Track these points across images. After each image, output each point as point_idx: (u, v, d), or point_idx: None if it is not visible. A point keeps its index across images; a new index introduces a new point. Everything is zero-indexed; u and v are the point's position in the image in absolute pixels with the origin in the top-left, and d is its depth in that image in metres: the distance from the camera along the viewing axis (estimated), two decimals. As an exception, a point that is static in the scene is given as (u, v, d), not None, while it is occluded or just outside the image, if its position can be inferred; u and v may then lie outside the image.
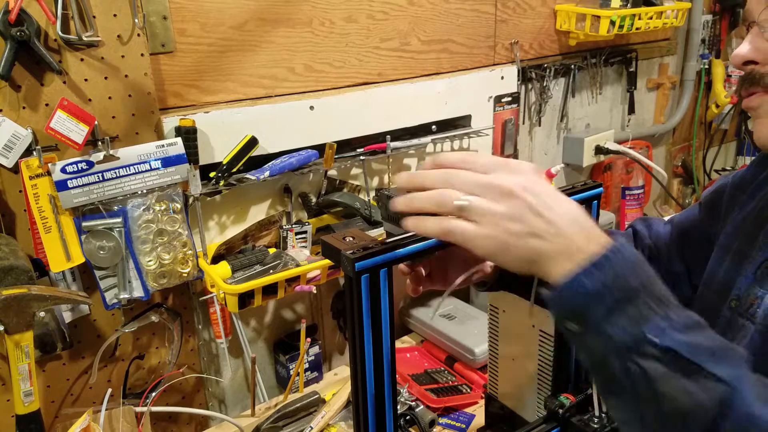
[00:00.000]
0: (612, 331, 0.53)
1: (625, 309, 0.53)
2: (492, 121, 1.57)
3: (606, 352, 0.53)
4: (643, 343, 0.52)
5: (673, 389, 0.52)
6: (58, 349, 1.05)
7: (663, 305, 0.54)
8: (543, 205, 0.56)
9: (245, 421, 1.19)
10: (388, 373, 0.66)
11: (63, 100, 0.96)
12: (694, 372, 0.52)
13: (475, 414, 1.23)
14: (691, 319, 0.54)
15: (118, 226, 1.05)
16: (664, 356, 0.52)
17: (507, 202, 0.56)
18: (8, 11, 0.90)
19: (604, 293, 0.53)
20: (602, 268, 0.53)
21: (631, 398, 0.54)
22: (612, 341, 0.53)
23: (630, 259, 0.54)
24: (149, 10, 1.05)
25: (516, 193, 0.56)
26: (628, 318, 0.53)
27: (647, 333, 0.52)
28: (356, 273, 0.61)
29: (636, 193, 1.96)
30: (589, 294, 0.53)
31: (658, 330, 0.52)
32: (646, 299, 0.53)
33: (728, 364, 0.53)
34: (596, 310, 0.53)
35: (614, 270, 0.53)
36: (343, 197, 1.30)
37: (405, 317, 1.52)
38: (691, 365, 0.52)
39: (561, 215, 0.56)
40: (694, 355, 0.52)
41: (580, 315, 0.54)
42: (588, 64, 1.79)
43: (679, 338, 0.52)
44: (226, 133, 1.16)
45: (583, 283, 0.53)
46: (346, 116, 1.31)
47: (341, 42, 1.29)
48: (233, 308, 1.10)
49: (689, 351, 0.52)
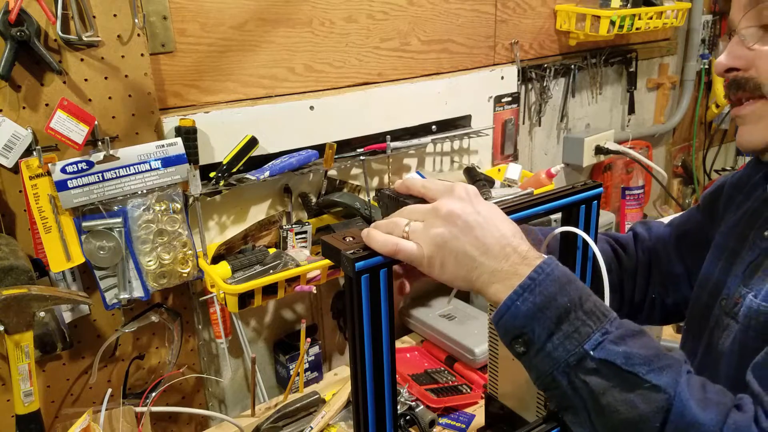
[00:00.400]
0: (553, 350, 0.56)
1: (561, 327, 0.56)
2: (492, 121, 1.57)
3: (552, 370, 0.57)
4: (583, 358, 0.55)
5: (616, 401, 0.54)
6: (58, 349, 1.05)
7: (597, 319, 0.56)
8: (479, 228, 0.60)
9: (245, 421, 1.19)
10: (388, 373, 0.66)
11: (63, 100, 0.96)
12: (632, 382, 0.54)
13: (475, 414, 1.23)
14: (628, 329, 0.57)
15: (118, 226, 1.05)
16: (603, 369, 0.55)
17: (446, 225, 0.60)
18: (8, 11, 0.90)
19: (539, 315, 0.56)
20: (532, 291, 0.57)
21: (583, 413, 0.57)
22: (555, 360, 0.56)
23: (557, 278, 0.57)
24: (149, 10, 1.05)
25: (455, 217, 0.60)
26: (566, 335, 0.56)
27: (585, 347, 0.55)
28: (356, 273, 0.61)
29: (636, 193, 1.96)
30: (526, 317, 0.57)
31: (594, 343, 0.55)
32: (579, 314, 0.56)
33: (665, 372, 0.55)
34: (535, 332, 0.56)
35: (542, 291, 0.56)
36: (343, 197, 1.30)
37: (405, 317, 1.52)
38: (628, 375, 0.54)
39: (496, 239, 0.59)
40: (630, 366, 0.54)
41: (523, 336, 0.57)
42: (588, 64, 1.79)
43: (616, 350, 0.55)
44: (226, 133, 1.16)
45: (518, 307, 0.57)
46: (346, 116, 1.31)
47: (341, 42, 1.29)
48: (233, 308, 1.10)
49: (625, 362, 0.54)
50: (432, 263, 0.61)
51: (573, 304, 0.56)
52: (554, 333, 0.56)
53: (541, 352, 0.57)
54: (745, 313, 0.71)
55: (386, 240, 0.62)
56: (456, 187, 0.62)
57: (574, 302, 0.57)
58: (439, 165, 1.53)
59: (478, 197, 0.62)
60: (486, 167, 1.61)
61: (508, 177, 1.54)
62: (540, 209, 0.73)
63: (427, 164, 1.51)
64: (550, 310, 0.56)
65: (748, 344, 0.65)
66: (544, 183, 1.53)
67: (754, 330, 0.70)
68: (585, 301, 0.57)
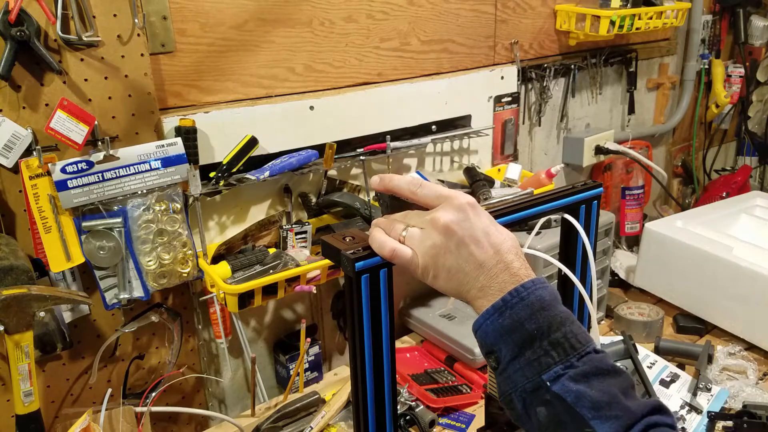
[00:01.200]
0: (514, 374, 0.57)
1: (524, 353, 0.57)
2: (492, 121, 1.57)
3: (510, 392, 0.58)
4: (540, 388, 0.56)
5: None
6: (58, 349, 1.05)
7: (563, 351, 0.56)
8: (474, 244, 0.60)
9: (245, 421, 1.19)
10: (388, 373, 0.66)
11: (63, 100, 0.96)
12: (579, 423, 0.54)
13: (475, 414, 1.23)
14: (595, 367, 0.56)
15: (118, 226, 1.05)
16: (555, 402, 0.55)
17: (442, 238, 0.61)
18: (8, 11, 0.90)
19: (505, 337, 0.57)
20: (502, 314, 0.58)
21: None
22: (514, 383, 0.57)
23: (530, 303, 0.57)
24: (149, 10, 1.05)
25: (451, 231, 0.60)
26: (527, 362, 0.56)
27: (543, 377, 0.56)
28: (356, 273, 0.61)
29: (636, 193, 1.96)
30: (494, 336, 0.58)
31: (553, 376, 0.55)
32: (543, 344, 0.56)
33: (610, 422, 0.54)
34: (503, 351, 0.58)
35: (512, 314, 0.57)
36: (343, 197, 1.30)
37: (405, 317, 1.52)
38: (576, 415, 0.54)
39: (490, 256, 0.60)
40: (579, 407, 0.54)
41: (493, 353, 0.59)
42: (588, 64, 1.79)
43: (570, 387, 0.55)
44: (226, 133, 1.16)
45: (488, 326, 0.58)
46: (346, 116, 1.31)
47: (341, 42, 1.29)
48: (233, 308, 1.10)
49: (575, 402, 0.54)
50: (425, 273, 0.62)
51: (540, 332, 0.57)
52: (517, 357, 0.57)
53: (504, 372, 0.58)
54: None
55: (384, 242, 0.62)
56: (455, 198, 0.62)
57: (541, 330, 0.57)
58: (439, 165, 1.53)
59: (476, 209, 0.62)
60: (486, 167, 1.61)
61: (508, 177, 1.54)
62: (540, 209, 0.73)
63: (427, 164, 1.51)
64: (516, 334, 0.57)
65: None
66: (544, 183, 1.53)
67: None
68: (554, 330, 0.57)
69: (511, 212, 0.71)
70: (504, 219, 0.70)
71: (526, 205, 0.72)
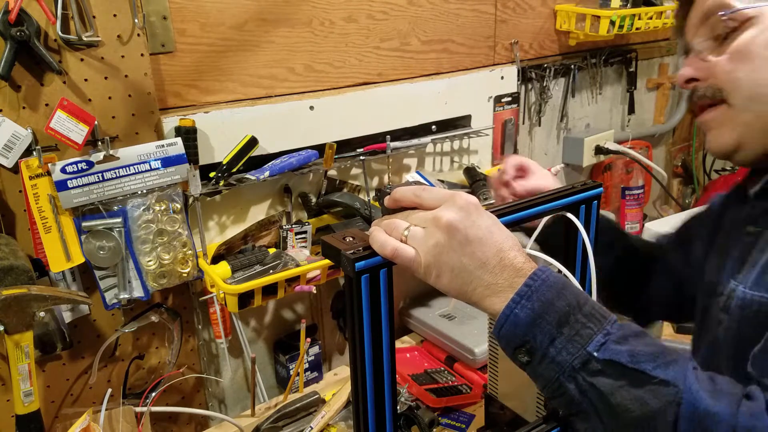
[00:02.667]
0: (557, 356, 0.56)
1: (562, 331, 0.56)
2: (492, 121, 1.57)
3: (558, 376, 0.56)
4: (588, 361, 0.55)
5: (625, 400, 0.54)
6: (58, 349, 1.05)
7: (597, 321, 0.56)
8: (477, 243, 0.60)
9: (245, 421, 1.19)
10: (388, 373, 0.66)
11: (63, 100, 0.96)
12: (639, 379, 0.54)
13: (475, 414, 1.23)
14: (629, 330, 0.57)
15: (118, 226, 1.05)
16: (608, 369, 0.54)
17: (443, 237, 0.60)
18: (8, 11, 0.90)
19: (539, 321, 0.56)
20: (530, 298, 0.57)
21: (594, 417, 0.56)
22: (560, 365, 0.56)
23: (553, 284, 0.58)
24: (149, 10, 1.05)
25: (454, 230, 0.60)
26: (568, 339, 0.56)
27: (589, 349, 0.55)
28: (356, 273, 0.61)
29: (636, 193, 1.96)
30: (526, 324, 0.57)
31: (597, 345, 0.55)
32: (579, 317, 0.56)
33: (671, 367, 0.54)
34: (538, 337, 0.57)
35: (539, 297, 0.57)
36: (343, 197, 1.30)
37: (405, 317, 1.52)
38: (635, 373, 0.54)
39: (494, 253, 0.60)
40: (636, 363, 0.54)
41: (526, 344, 0.57)
42: (588, 64, 1.79)
43: (619, 349, 0.55)
44: (226, 133, 1.16)
45: (517, 315, 0.57)
46: (346, 116, 1.31)
47: (341, 42, 1.29)
48: (233, 308, 1.10)
49: (630, 360, 0.54)
50: (428, 272, 0.61)
51: (571, 307, 0.57)
52: (556, 338, 0.56)
53: (545, 358, 0.57)
54: (737, 305, 0.73)
55: (385, 242, 0.62)
56: (457, 198, 0.62)
57: (572, 306, 0.57)
58: (439, 165, 1.53)
59: (479, 209, 0.62)
60: (486, 167, 1.61)
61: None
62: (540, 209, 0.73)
63: (426, 164, 1.51)
64: (550, 315, 0.56)
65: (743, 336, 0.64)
66: (544, 183, 1.52)
67: (747, 320, 0.71)
68: (583, 304, 0.57)
69: (511, 212, 0.71)
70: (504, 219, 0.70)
71: (526, 205, 0.72)
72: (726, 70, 0.74)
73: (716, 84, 0.75)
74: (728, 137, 0.76)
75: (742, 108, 0.74)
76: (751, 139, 0.75)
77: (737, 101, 0.74)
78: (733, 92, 0.74)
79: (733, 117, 0.75)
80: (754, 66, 0.72)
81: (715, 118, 0.77)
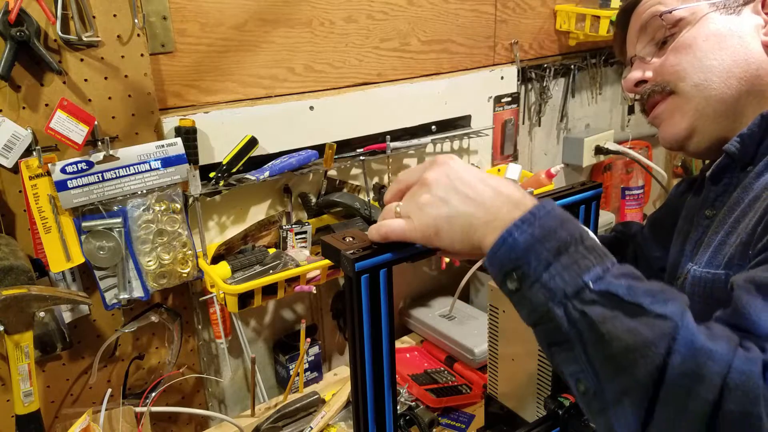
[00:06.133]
0: (551, 281, 0.53)
1: (560, 259, 0.53)
2: (492, 121, 1.57)
3: (547, 302, 0.53)
4: (582, 290, 0.52)
5: (616, 329, 0.51)
6: (58, 349, 1.05)
7: (598, 256, 0.54)
8: (464, 185, 0.59)
9: (245, 421, 1.19)
10: (388, 373, 0.66)
11: (63, 101, 0.96)
12: (635, 312, 0.51)
13: (475, 414, 1.23)
14: (630, 270, 0.55)
15: (118, 226, 1.05)
16: (603, 300, 0.52)
17: (430, 191, 0.60)
18: (8, 11, 0.90)
19: (537, 246, 0.54)
20: (531, 224, 0.54)
21: (578, 346, 0.53)
22: (552, 291, 0.53)
23: (558, 215, 0.56)
24: (149, 10, 1.05)
25: (437, 182, 0.60)
26: (564, 267, 0.53)
27: (585, 279, 0.52)
28: (356, 273, 0.61)
29: (636, 194, 1.96)
30: (523, 249, 0.54)
31: (595, 276, 0.52)
32: (580, 249, 0.54)
33: (670, 303, 0.52)
34: (532, 263, 0.54)
35: (542, 224, 0.54)
36: (342, 197, 1.30)
37: (405, 317, 1.52)
38: (631, 306, 0.51)
39: (483, 190, 0.59)
40: (633, 297, 0.51)
41: (518, 270, 0.54)
42: (588, 64, 1.79)
43: (618, 282, 0.52)
44: (226, 133, 1.16)
45: (516, 238, 0.54)
46: (346, 116, 1.31)
47: (341, 42, 1.29)
48: (233, 308, 1.10)
49: (628, 293, 0.52)
50: (427, 234, 0.60)
51: (573, 238, 0.54)
52: (552, 264, 0.53)
53: (537, 283, 0.53)
54: (690, 283, 0.75)
55: (378, 226, 0.62)
56: (436, 158, 0.62)
57: (574, 237, 0.54)
58: (439, 165, 1.53)
59: (458, 160, 0.62)
60: (486, 167, 1.61)
61: (507, 177, 1.54)
62: (540, 209, 0.73)
63: (427, 164, 1.51)
64: (550, 242, 0.54)
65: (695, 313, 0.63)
66: (544, 183, 1.53)
67: (698, 297, 0.73)
68: (585, 238, 0.55)
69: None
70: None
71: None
72: (672, 64, 0.81)
73: (664, 79, 0.82)
74: (680, 124, 0.81)
75: (690, 95, 0.79)
76: (702, 125, 0.80)
77: (685, 89, 0.80)
78: (680, 82, 0.80)
79: (682, 105, 0.80)
80: (697, 56, 0.79)
81: (666, 108, 0.82)
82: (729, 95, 0.78)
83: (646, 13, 0.84)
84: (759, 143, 0.75)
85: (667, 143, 0.84)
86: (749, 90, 0.77)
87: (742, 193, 0.74)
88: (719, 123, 0.79)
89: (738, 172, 0.78)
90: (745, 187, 0.74)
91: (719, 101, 0.78)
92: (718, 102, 0.78)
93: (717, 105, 0.78)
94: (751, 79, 0.77)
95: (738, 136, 0.76)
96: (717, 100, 0.78)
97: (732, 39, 0.78)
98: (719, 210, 0.78)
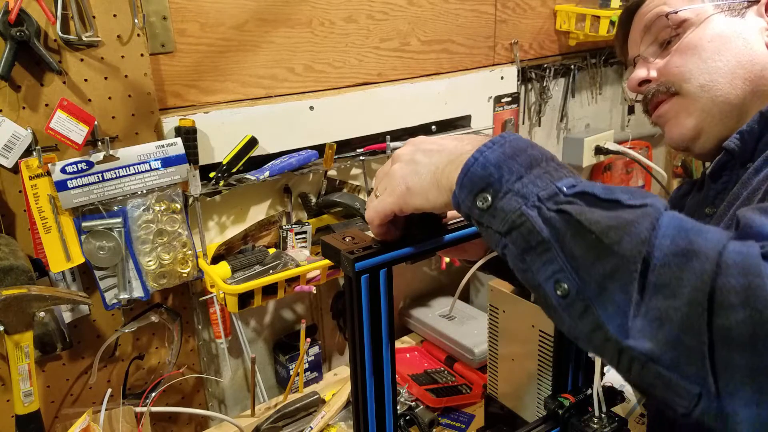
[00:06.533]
0: (523, 188, 0.51)
1: (532, 171, 0.52)
2: (492, 121, 1.57)
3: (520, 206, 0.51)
4: (557, 194, 0.50)
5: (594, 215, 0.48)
6: (57, 349, 1.05)
7: (570, 171, 0.53)
8: (428, 144, 0.61)
9: (245, 421, 1.19)
10: (388, 373, 0.66)
11: (63, 101, 0.96)
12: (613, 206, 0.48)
13: (475, 414, 1.23)
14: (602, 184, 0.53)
15: (118, 227, 1.05)
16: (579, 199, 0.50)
17: (398, 161, 0.62)
18: (8, 11, 0.90)
19: (509, 161, 0.53)
20: (502, 145, 0.54)
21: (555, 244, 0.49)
22: (525, 196, 0.51)
23: (526, 140, 0.55)
24: (149, 10, 1.05)
25: (402, 153, 0.62)
26: (537, 176, 0.52)
27: (559, 185, 0.51)
28: (356, 273, 0.61)
29: (636, 193, 1.96)
30: (495, 165, 0.53)
31: (569, 184, 0.51)
32: (551, 164, 0.53)
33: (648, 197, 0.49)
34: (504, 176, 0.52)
35: (512, 144, 0.54)
36: (342, 197, 1.30)
37: (405, 317, 1.52)
38: (608, 202, 0.49)
39: (446, 142, 0.61)
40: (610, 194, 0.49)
41: (489, 187, 0.53)
42: (588, 64, 1.79)
43: (593, 185, 0.50)
44: (226, 133, 1.16)
45: (487, 156, 0.53)
46: (346, 116, 1.31)
47: (341, 42, 1.29)
48: (233, 308, 1.10)
49: (605, 192, 0.49)
50: (401, 195, 0.60)
51: (545, 156, 0.53)
52: (524, 176, 0.52)
53: (509, 193, 0.51)
54: None
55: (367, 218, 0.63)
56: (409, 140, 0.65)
57: (545, 156, 0.54)
58: (438, 165, 1.53)
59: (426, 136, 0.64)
60: (486, 167, 1.61)
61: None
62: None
63: (426, 164, 1.51)
64: (521, 157, 0.52)
65: None
66: (544, 183, 1.53)
67: None
68: (556, 158, 0.54)
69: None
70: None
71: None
72: (677, 65, 0.81)
73: (669, 79, 0.82)
74: (686, 124, 0.81)
75: (696, 96, 0.80)
76: (708, 125, 0.80)
77: (691, 90, 0.80)
78: (685, 83, 0.80)
79: (688, 105, 0.81)
80: (702, 56, 0.79)
81: (671, 108, 0.83)
82: (734, 96, 0.78)
83: (650, 14, 0.84)
84: (758, 140, 0.76)
85: (674, 143, 0.84)
86: (754, 90, 0.78)
87: (741, 189, 0.74)
88: (725, 124, 0.79)
89: (737, 169, 0.78)
90: (744, 182, 0.74)
91: (725, 102, 0.78)
92: (724, 103, 0.79)
93: (723, 106, 0.79)
94: (755, 80, 0.78)
95: (738, 133, 0.77)
96: (723, 101, 0.78)
97: (736, 41, 0.78)
98: (719, 207, 0.78)
